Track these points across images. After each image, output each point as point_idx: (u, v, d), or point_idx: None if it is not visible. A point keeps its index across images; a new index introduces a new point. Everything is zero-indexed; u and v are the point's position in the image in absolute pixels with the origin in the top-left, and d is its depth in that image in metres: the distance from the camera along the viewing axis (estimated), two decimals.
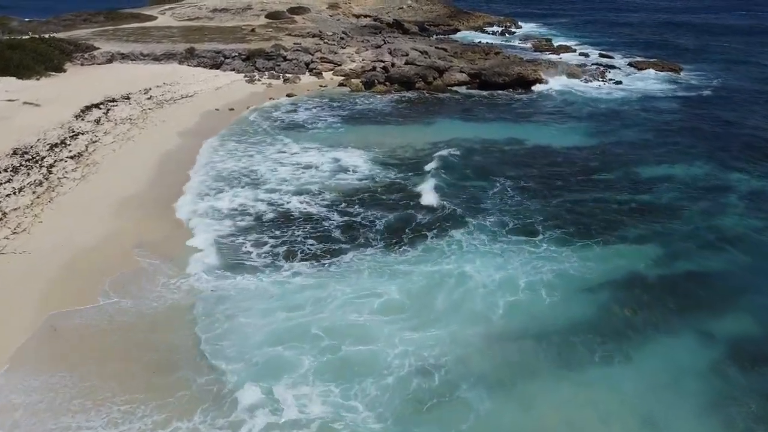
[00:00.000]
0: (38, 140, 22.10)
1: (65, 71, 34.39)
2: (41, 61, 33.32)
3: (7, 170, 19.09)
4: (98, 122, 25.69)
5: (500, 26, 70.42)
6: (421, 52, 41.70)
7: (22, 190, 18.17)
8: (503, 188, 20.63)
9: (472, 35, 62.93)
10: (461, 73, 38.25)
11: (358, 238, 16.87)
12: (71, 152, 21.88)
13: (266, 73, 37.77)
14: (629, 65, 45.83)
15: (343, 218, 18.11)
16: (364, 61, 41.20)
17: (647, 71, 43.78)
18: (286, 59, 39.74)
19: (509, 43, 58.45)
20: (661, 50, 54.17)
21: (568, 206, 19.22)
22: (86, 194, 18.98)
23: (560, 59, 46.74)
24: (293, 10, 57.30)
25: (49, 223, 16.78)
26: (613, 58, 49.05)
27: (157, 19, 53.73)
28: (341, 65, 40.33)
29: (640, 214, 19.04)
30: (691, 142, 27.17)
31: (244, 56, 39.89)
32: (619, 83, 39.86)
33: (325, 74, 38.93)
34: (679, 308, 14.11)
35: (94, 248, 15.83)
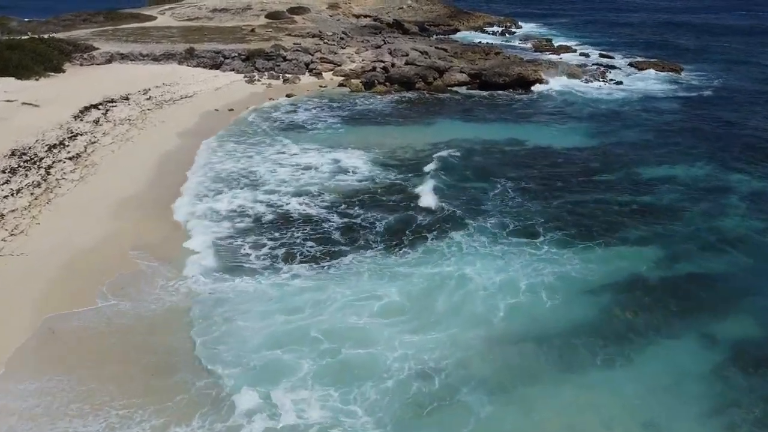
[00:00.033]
0: (37, 141, 22.02)
1: (64, 71, 34.29)
2: (40, 61, 33.24)
3: (5, 171, 18.99)
4: (97, 123, 25.61)
5: (500, 26, 70.29)
6: (421, 52, 41.59)
7: (20, 191, 18.08)
8: (504, 189, 20.53)
9: (472, 35, 62.82)
10: (461, 73, 38.15)
11: (357, 239, 16.78)
12: (70, 153, 21.79)
13: (266, 73, 37.67)
14: (630, 65, 45.71)
15: (342, 220, 18.01)
16: (364, 61, 41.09)
17: (648, 71, 43.67)
18: (285, 59, 39.64)
19: (509, 43, 58.34)
20: (661, 50, 54.07)
21: (569, 207, 19.14)
22: (84, 195, 18.90)
23: (560, 59, 46.62)
24: (293, 10, 57.21)
25: (46, 224, 16.69)
26: (613, 58, 48.92)
27: (156, 19, 53.64)
28: (341, 65, 40.22)
29: (641, 215, 18.97)
30: (692, 142, 27.09)
31: (243, 56, 39.79)
32: (619, 83, 39.76)
33: (324, 74, 38.83)
34: (680, 310, 14.03)
35: (92, 250, 15.76)
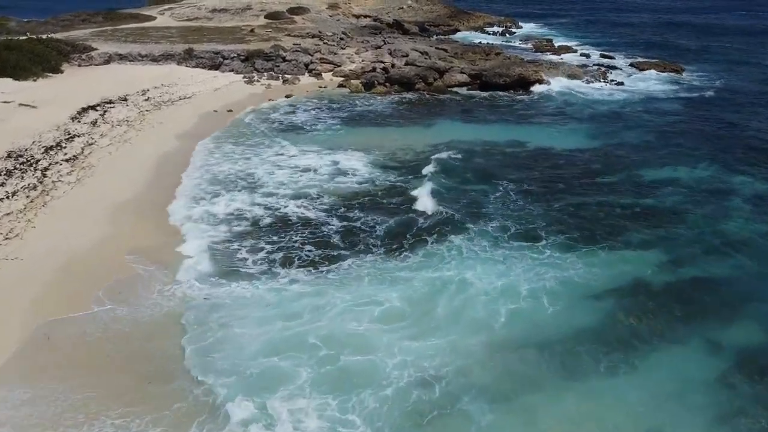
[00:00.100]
0: (33, 143, 21.83)
1: (62, 72, 34.08)
2: (38, 62, 33.04)
3: (0, 174, 18.79)
4: (94, 124, 25.41)
5: (500, 26, 70.11)
6: (421, 52, 41.38)
7: (15, 194, 17.87)
8: (505, 192, 20.31)
9: (472, 35, 62.61)
10: (462, 74, 37.94)
11: (357, 243, 16.54)
12: (66, 155, 21.58)
13: (265, 74, 37.46)
14: (631, 66, 45.50)
15: (342, 223, 17.78)
16: (363, 61, 40.86)
17: (649, 72, 43.47)
18: (285, 60, 39.43)
19: (510, 43, 58.13)
20: (662, 50, 53.88)
21: (571, 210, 18.92)
22: (81, 198, 18.68)
23: (561, 60, 46.45)
24: (293, 10, 57.01)
25: (42, 228, 16.48)
26: (614, 58, 48.71)
27: (156, 19, 53.45)
28: (341, 66, 40.01)
29: (644, 218, 18.75)
30: (694, 144, 26.88)
31: (243, 57, 39.58)
32: (620, 84, 39.56)
33: (324, 75, 38.62)
34: (684, 316, 13.82)
35: (88, 254, 15.54)
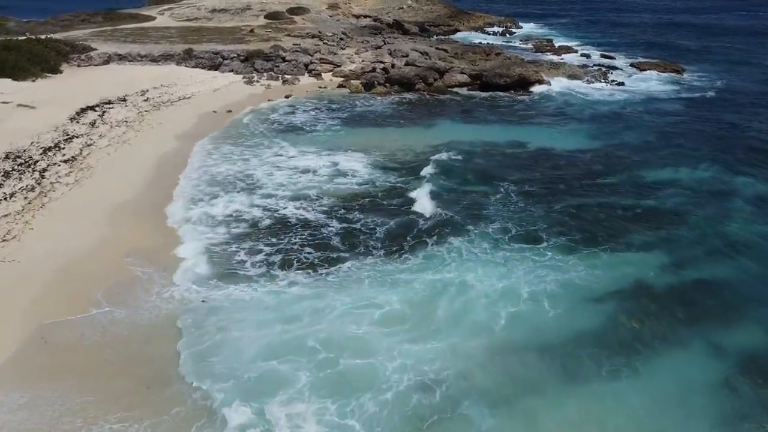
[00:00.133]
0: (32, 144, 21.73)
1: (61, 73, 34.00)
2: (37, 62, 32.96)
3: None
4: (93, 125, 25.30)
5: (501, 27, 70.03)
6: (421, 52, 41.28)
7: (13, 195, 17.76)
8: (506, 193, 20.18)
9: (472, 36, 62.54)
10: (462, 74, 37.83)
11: (357, 245, 16.41)
12: (65, 156, 21.48)
13: (265, 74, 37.36)
14: (631, 66, 45.42)
15: (341, 225, 17.66)
16: (363, 62, 40.77)
17: (649, 72, 43.40)
18: (285, 60, 39.34)
19: (510, 43, 58.05)
20: (662, 51, 53.79)
21: (572, 212, 18.79)
22: (79, 199, 18.57)
23: (562, 60, 46.35)
24: (293, 10, 56.91)
25: (40, 230, 16.37)
26: (614, 58, 48.61)
27: (155, 19, 53.36)
28: (341, 66, 39.90)
29: (645, 219, 18.64)
30: (695, 144, 26.76)
31: (242, 57, 39.49)
32: (621, 84, 39.46)
33: (324, 75, 38.51)
34: (687, 318, 13.71)
35: (86, 256, 15.43)
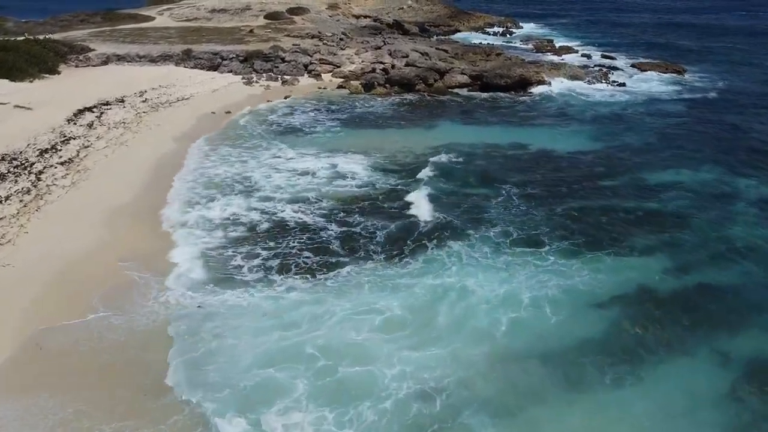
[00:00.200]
0: (28, 145, 21.50)
1: (59, 73, 33.76)
2: (35, 63, 32.71)
3: None
4: (91, 126, 25.07)
5: (501, 27, 69.78)
6: (421, 53, 41.06)
7: (8, 198, 17.54)
8: (507, 196, 19.95)
9: (472, 36, 62.33)
10: (462, 74, 37.60)
11: (357, 249, 16.18)
12: (62, 158, 21.26)
13: (264, 74, 37.14)
14: (632, 66, 45.19)
15: (341, 228, 17.42)
16: (363, 62, 40.54)
17: (650, 73, 43.17)
18: (284, 61, 39.11)
19: (510, 43, 57.82)
20: (663, 51, 53.58)
21: (574, 215, 18.59)
22: (76, 202, 18.36)
23: (562, 60, 46.13)
24: (292, 10, 56.67)
25: (35, 233, 16.16)
26: (615, 59, 48.36)
27: (155, 19, 53.12)
28: (340, 67, 39.68)
29: (648, 223, 18.42)
30: (697, 146, 26.57)
31: (241, 58, 39.26)
32: (622, 85, 39.22)
33: (324, 76, 38.28)
34: (691, 324, 13.51)
35: (82, 260, 15.23)
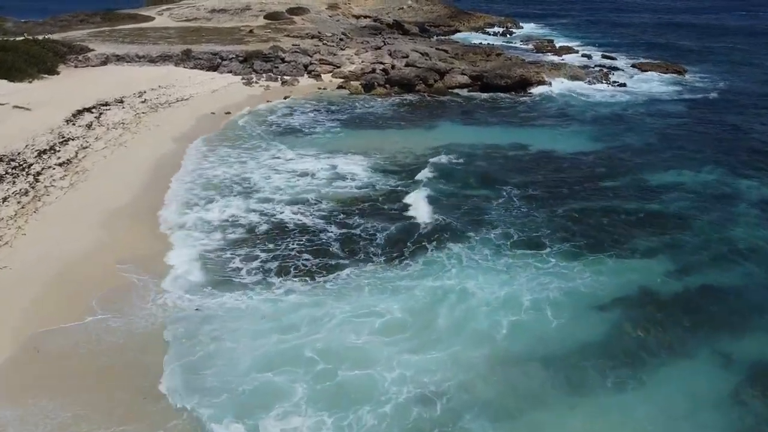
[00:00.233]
0: (26, 146, 21.36)
1: (58, 74, 33.63)
2: (34, 63, 32.57)
3: None
4: (89, 127, 24.96)
5: (501, 27, 69.74)
6: (421, 53, 40.97)
7: (6, 199, 17.43)
8: (508, 198, 19.84)
9: (472, 36, 62.28)
10: (462, 75, 37.51)
11: (357, 251, 16.06)
12: (60, 159, 21.16)
13: (264, 75, 37.04)
14: (633, 67, 45.12)
15: (340, 230, 17.30)
16: (363, 62, 40.45)
17: (651, 73, 43.09)
18: (284, 61, 39.02)
19: (510, 44, 57.77)
20: (664, 51, 53.50)
21: (575, 216, 18.49)
22: (74, 203, 18.27)
23: (562, 61, 46.05)
24: (292, 10, 56.58)
25: (33, 235, 16.06)
26: (615, 59, 48.29)
27: (154, 19, 53.03)
28: (340, 67, 39.60)
29: (649, 224, 18.31)
30: (698, 147, 26.47)
31: (241, 58, 39.16)
32: (623, 85, 39.13)
33: (324, 76, 38.20)
34: (693, 327, 13.41)
35: (80, 262, 15.13)
